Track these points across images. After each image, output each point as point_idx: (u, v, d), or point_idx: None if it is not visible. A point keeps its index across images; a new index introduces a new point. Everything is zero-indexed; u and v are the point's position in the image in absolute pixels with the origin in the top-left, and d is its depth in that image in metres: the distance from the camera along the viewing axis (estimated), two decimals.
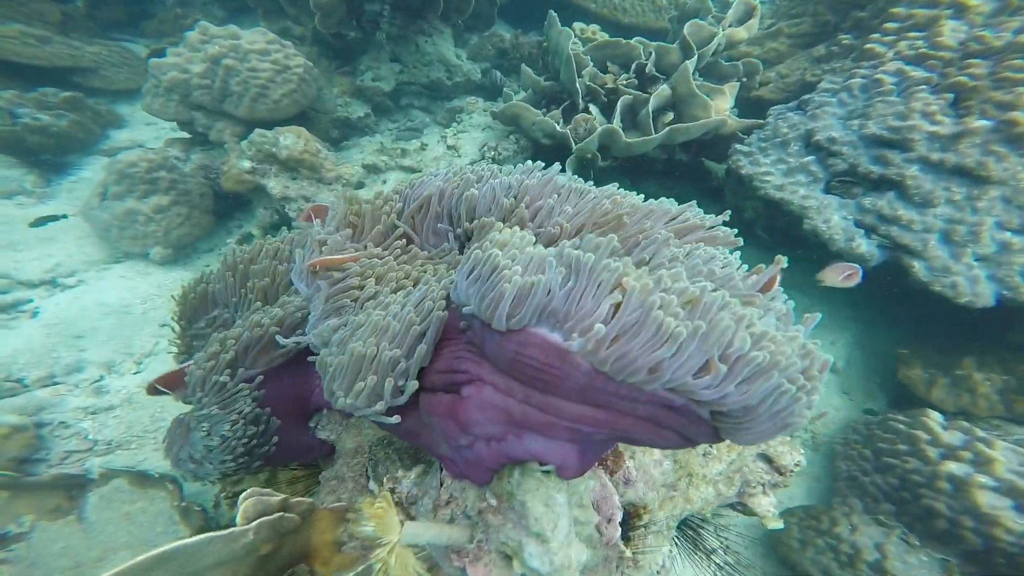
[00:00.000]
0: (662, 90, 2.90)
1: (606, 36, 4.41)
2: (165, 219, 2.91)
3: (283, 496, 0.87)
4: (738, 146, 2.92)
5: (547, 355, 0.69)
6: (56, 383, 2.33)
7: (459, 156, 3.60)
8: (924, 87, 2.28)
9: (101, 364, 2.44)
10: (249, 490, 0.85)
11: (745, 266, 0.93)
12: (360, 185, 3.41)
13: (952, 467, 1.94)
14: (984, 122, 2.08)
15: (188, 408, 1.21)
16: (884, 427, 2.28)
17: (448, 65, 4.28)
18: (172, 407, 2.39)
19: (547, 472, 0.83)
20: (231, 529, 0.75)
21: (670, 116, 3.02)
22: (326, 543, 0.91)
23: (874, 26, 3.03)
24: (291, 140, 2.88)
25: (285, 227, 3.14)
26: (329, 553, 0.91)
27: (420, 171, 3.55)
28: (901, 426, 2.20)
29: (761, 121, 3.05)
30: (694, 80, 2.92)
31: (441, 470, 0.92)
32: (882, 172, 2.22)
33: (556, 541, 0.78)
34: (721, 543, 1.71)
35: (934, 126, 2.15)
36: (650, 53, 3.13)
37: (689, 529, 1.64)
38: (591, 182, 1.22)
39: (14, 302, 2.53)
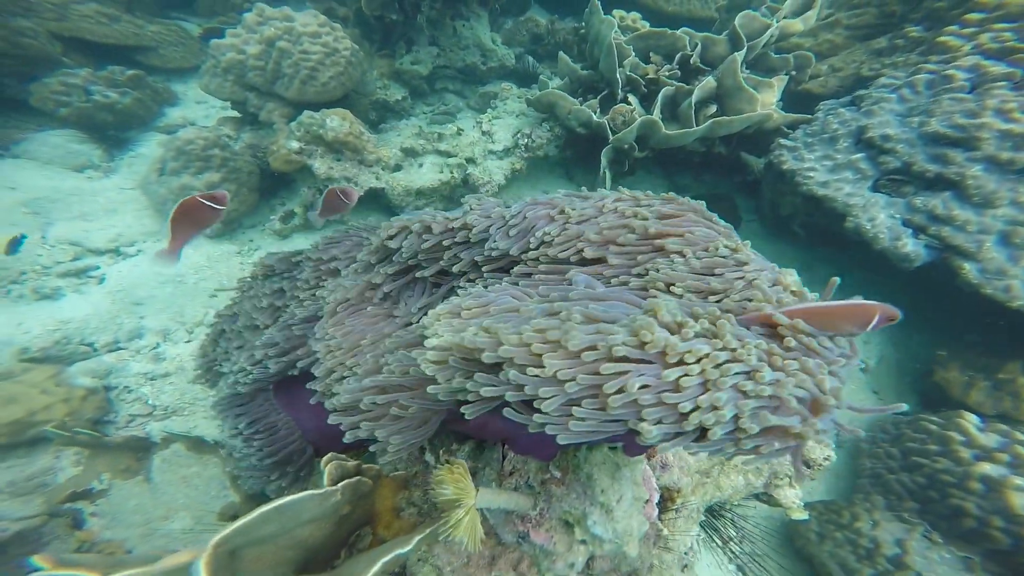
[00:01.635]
0: (707, 82, 2.85)
1: (647, 25, 4.33)
2: None
3: (357, 462, 0.96)
4: (782, 140, 2.86)
5: None
6: (120, 348, 2.52)
7: (493, 142, 3.63)
8: (1004, 83, 2.19)
9: (158, 331, 2.62)
10: (329, 455, 0.94)
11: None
12: (398, 168, 3.49)
13: (987, 468, 1.94)
14: None
15: None
16: (915, 427, 2.28)
17: (483, 50, 4.28)
18: None
19: (614, 448, 0.89)
20: (325, 488, 0.85)
21: (712, 109, 2.97)
22: (387, 508, 1.01)
23: (952, 17, 2.86)
24: (337, 122, 2.97)
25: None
26: (390, 518, 1.01)
27: (456, 155, 3.60)
28: (933, 427, 2.20)
29: (808, 116, 2.97)
30: (741, 72, 2.86)
31: (497, 444, 0.99)
32: (939, 171, 2.15)
33: (621, 510, 0.85)
34: (738, 531, 1.76)
35: (1009, 124, 2.06)
36: (696, 44, 3.07)
37: (710, 516, 1.69)
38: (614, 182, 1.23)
39: (85, 268, 2.73)
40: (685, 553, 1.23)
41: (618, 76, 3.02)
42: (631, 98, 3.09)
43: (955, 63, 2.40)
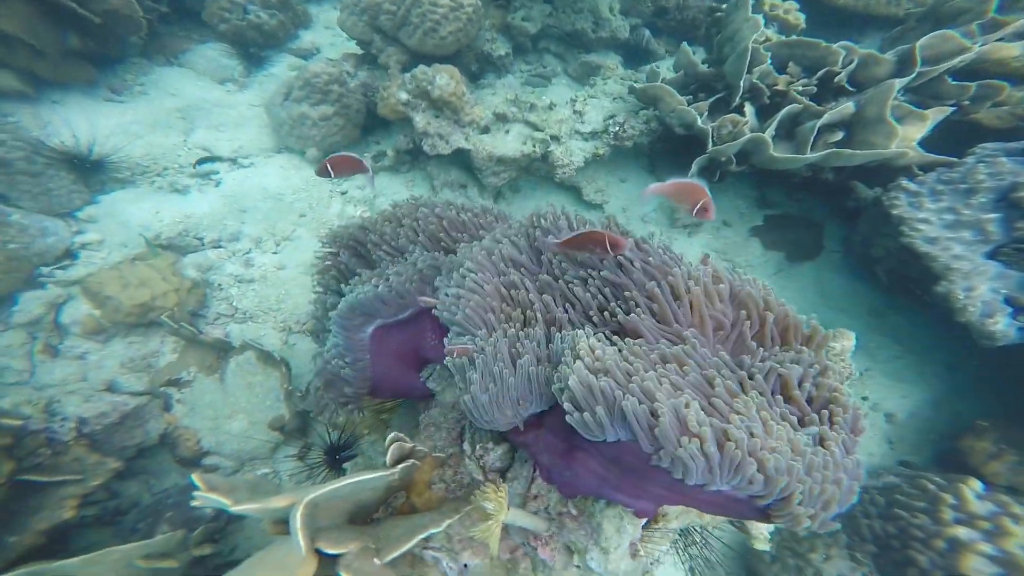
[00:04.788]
0: (844, 107, 2.53)
1: (801, 17, 3.79)
2: (325, 127, 3.34)
3: (412, 445, 1.21)
4: (905, 182, 2.49)
5: (641, 461, 0.94)
6: (220, 247, 2.89)
7: (583, 123, 3.51)
8: None
9: (252, 238, 2.97)
10: (393, 435, 1.19)
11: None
12: (486, 130, 3.52)
13: (960, 531, 1.91)
14: None
15: None
16: (911, 481, 2.25)
17: (597, 16, 4.05)
18: (296, 291, 2.85)
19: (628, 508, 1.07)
20: (389, 471, 1.13)
21: (838, 135, 2.65)
22: (423, 480, 1.28)
23: None
24: (445, 80, 3.05)
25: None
26: (423, 488, 1.28)
27: (542, 130, 3.53)
28: (931, 485, 2.16)
29: (953, 159, 2.52)
30: (894, 100, 2.45)
31: (529, 463, 1.18)
32: None
33: (615, 555, 1.09)
34: (701, 540, 1.82)
35: None
36: (851, 61, 2.65)
37: (683, 533, 1.77)
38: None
39: (209, 171, 3.17)
40: (651, 564, 1.33)
41: (742, 83, 2.74)
42: (747, 108, 2.83)
43: None
